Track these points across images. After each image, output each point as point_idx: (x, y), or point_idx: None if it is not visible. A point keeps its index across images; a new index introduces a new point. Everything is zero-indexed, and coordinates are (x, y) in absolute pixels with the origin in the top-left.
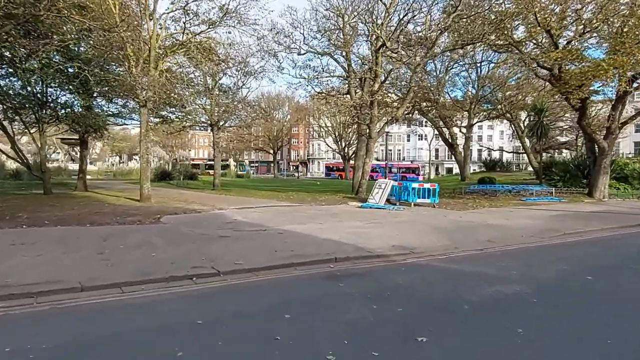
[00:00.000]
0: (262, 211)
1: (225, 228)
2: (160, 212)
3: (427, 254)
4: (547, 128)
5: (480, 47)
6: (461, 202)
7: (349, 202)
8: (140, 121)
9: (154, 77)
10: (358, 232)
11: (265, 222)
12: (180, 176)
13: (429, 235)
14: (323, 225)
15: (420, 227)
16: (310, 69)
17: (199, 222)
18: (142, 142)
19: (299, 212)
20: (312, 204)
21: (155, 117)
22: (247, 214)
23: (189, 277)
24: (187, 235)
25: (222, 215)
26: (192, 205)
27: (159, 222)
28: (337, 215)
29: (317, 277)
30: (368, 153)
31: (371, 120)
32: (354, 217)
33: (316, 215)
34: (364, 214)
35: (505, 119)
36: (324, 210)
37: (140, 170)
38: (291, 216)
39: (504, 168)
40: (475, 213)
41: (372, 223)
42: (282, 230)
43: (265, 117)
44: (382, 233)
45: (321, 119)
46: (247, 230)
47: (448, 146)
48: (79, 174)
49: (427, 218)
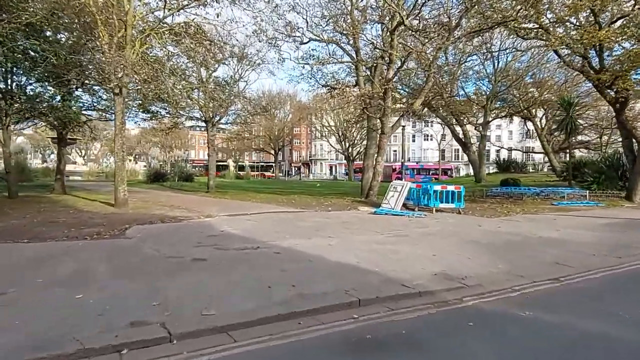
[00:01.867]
0: (258, 219)
1: (205, 245)
2: (132, 220)
3: (488, 290)
4: (577, 124)
5: (499, 36)
6: (487, 207)
7: (359, 206)
8: (115, 112)
9: (130, 58)
10: (381, 251)
11: (260, 236)
12: (175, 177)
13: (476, 255)
14: (333, 240)
15: (457, 241)
16: (314, 59)
17: (173, 236)
18: (117, 137)
19: (302, 220)
20: (317, 209)
21: (143, 113)
22: (239, 223)
23: (115, 350)
24: (149, 259)
25: (208, 225)
26: (175, 212)
27: (122, 235)
28: (348, 224)
29: (333, 344)
30: (380, 151)
31: (384, 112)
32: (370, 227)
33: (323, 225)
34: (381, 223)
35: (522, 117)
36: (331, 217)
37: (115, 170)
38: (292, 226)
39: (519, 169)
40: (511, 221)
41: (394, 236)
42: (280, 249)
43: (264, 113)
44: (412, 252)
45: (324, 118)
46: (233, 248)
47: (461, 145)
48: (57, 175)
49: (459, 228)
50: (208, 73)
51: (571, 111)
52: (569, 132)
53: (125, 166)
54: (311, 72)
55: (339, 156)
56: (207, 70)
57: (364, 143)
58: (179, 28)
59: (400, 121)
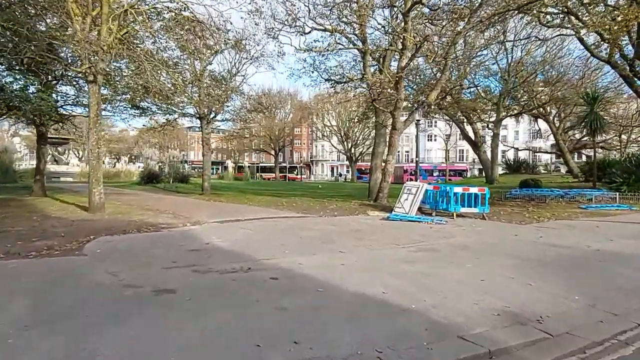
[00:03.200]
0: (253, 227)
1: (181, 265)
2: (102, 229)
3: (585, 343)
4: (602, 120)
5: (513, 30)
6: (512, 211)
7: (368, 211)
8: (89, 103)
9: (106, 40)
10: (410, 274)
11: (253, 250)
12: (170, 178)
13: (536, 280)
14: (346, 257)
15: (501, 258)
16: (319, 46)
17: (145, 252)
18: (92, 132)
19: (305, 228)
20: (322, 214)
21: (133, 109)
22: (230, 232)
23: None
24: (95, 290)
25: (192, 234)
26: (158, 218)
27: (78, 251)
28: (360, 233)
29: None
30: (391, 149)
31: (396, 105)
32: (387, 238)
33: (330, 234)
34: (398, 232)
35: (533, 116)
36: (339, 224)
37: (89, 170)
38: (294, 237)
39: (530, 170)
40: (548, 228)
41: (419, 250)
42: (278, 271)
43: (263, 111)
44: (451, 275)
45: (325, 118)
46: (217, 270)
47: (471, 145)
48: (36, 176)
49: (494, 239)
50: (202, 65)
51: (596, 106)
52: (594, 129)
53: (101, 165)
54: (313, 66)
55: (341, 157)
56: (201, 63)
57: (367, 143)
58: (162, 7)
59: (415, 115)
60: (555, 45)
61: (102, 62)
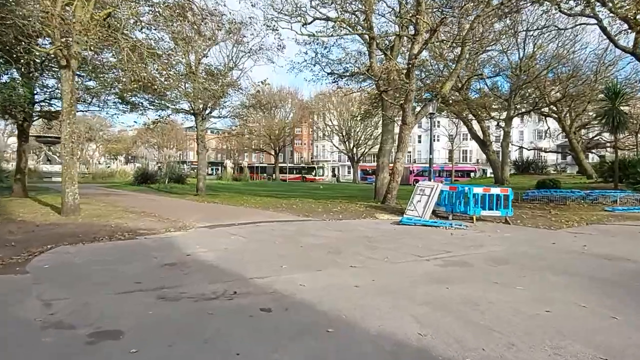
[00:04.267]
0: (247, 233)
1: (145, 287)
2: (67, 236)
3: None
4: (624, 117)
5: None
6: (535, 215)
7: (376, 213)
8: (62, 91)
9: (81, 18)
10: (448, 301)
11: (243, 265)
12: (165, 179)
13: (615, 309)
14: (360, 276)
15: (555, 276)
16: (319, 44)
17: (105, 268)
18: (65, 124)
19: (307, 234)
20: (325, 217)
21: (122, 104)
22: (219, 240)
23: None
24: (8, 331)
25: (173, 243)
26: (140, 222)
27: (21, 266)
28: (372, 241)
29: None
30: (401, 145)
31: (407, 97)
32: (406, 247)
33: (337, 242)
34: (417, 239)
35: (542, 114)
36: (346, 229)
37: (62, 168)
38: (293, 246)
39: (539, 170)
40: (585, 235)
41: (448, 264)
42: (272, 297)
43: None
44: (504, 303)
45: (327, 117)
46: (190, 296)
47: (479, 144)
48: (16, 175)
49: (531, 248)
50: (197, 58)
51: (617, 102)
52: (616, 125)
53: (75, 162)
54: (315, 59)
55: (342, 157)
56: (195, 55)
57: (369, 143)
58: None
59: (428, 107)
60: (569, 39)
61: (77, 45)
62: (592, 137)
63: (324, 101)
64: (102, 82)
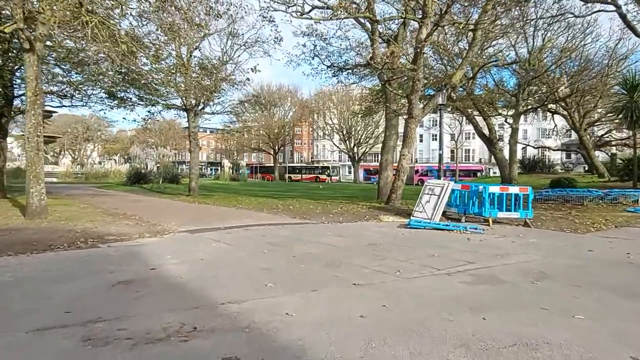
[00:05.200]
0: (233, 239)
1: (72, 322)
2: (17, 244)
3: None
4: None
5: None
6: (554, 216)
7: (381, 215)
8: (25, 78)
9: None
10: (499, 347)
11: (218, 282)
12: (160, 179)
13: None
14: (366, 299)
15: (617, 297)
16: (317, 36)
17: (38, 287)
18: (29, 114)
19: (302, 240)
20: (324, 219)
21: (109, 98)
22: (196, 248)
23: None
24: None
25: (139, 253)
26: (113, 226)
27: None
28: (379, 249)
29: None
30: (406, 141)
31: (414, 87)
32: (419, 257)
33: (337, 251)
34: (431, 246)
35: (550, 111)
36: (347, 234)
37: (27, 165)
38: (284, 256)
39: (546, 169)
40: (619, 240)
41: (478, 280)
42: (246, 341)
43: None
44: (575, 349)
45: (327, 116)
46: (128, 336)
47: (485, 142)
48: None
49: (568, 258)
50: (188, 50)
51: (636, 95)
52: (635, 120)
53: (41, 159)
54: (314, 52)
55: (342, 157)
56: (187, 47)
57: (370, 142)
58: None
59: (437, 98)
60: (580, 31)
61: (43, 26)
62: (602, 135)
63: (324, 99)
64: (88, 75)
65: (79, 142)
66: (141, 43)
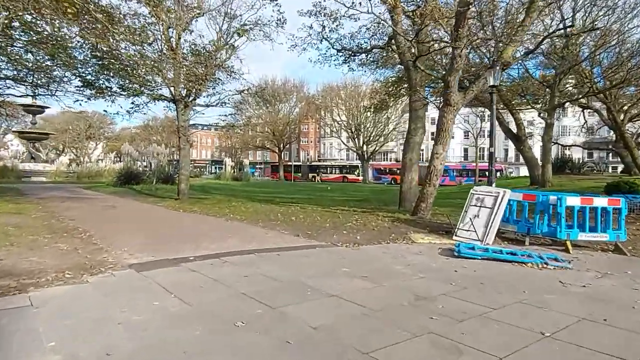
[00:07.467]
0: (195, 287)
1: None
2: None
3: None
4: None
5: None
6: None
7: (411, 234)
8: None
9: None
10: None
11: None
12: (153, 179)
13: None
14: None
15: None
16: (325, 16)
17: None
18: None
19: (305, 289)
20: (336, 239)
21: (85, 87)
22: (124, 315)
23: None
24: None
25: (4, 328)
26: (35, 252)
27: None
28: (438, 314)
29: None
30: (441, 135)
31: (452, 65)
32: (503, 327)
33: (363, 318)
34: (520, 304)
35: (582, 106)
36: (372, 271)
37: None
38: (274, 337)
39: (577, 169)
40: None
41: None
42: None
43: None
44: None
45: (335, 113)
46: None
47: (513, 139)
48: None
49: None
50: (177, 32)
51: None
52: None
53: None
54: (322, 34)
55: (350, 155)
56: (175, 29)
57: (380, 140)
58: None
59: (489, 78)
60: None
61: None
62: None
63: (331, 95)
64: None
65: (81, 140)
66: (116, 20)
